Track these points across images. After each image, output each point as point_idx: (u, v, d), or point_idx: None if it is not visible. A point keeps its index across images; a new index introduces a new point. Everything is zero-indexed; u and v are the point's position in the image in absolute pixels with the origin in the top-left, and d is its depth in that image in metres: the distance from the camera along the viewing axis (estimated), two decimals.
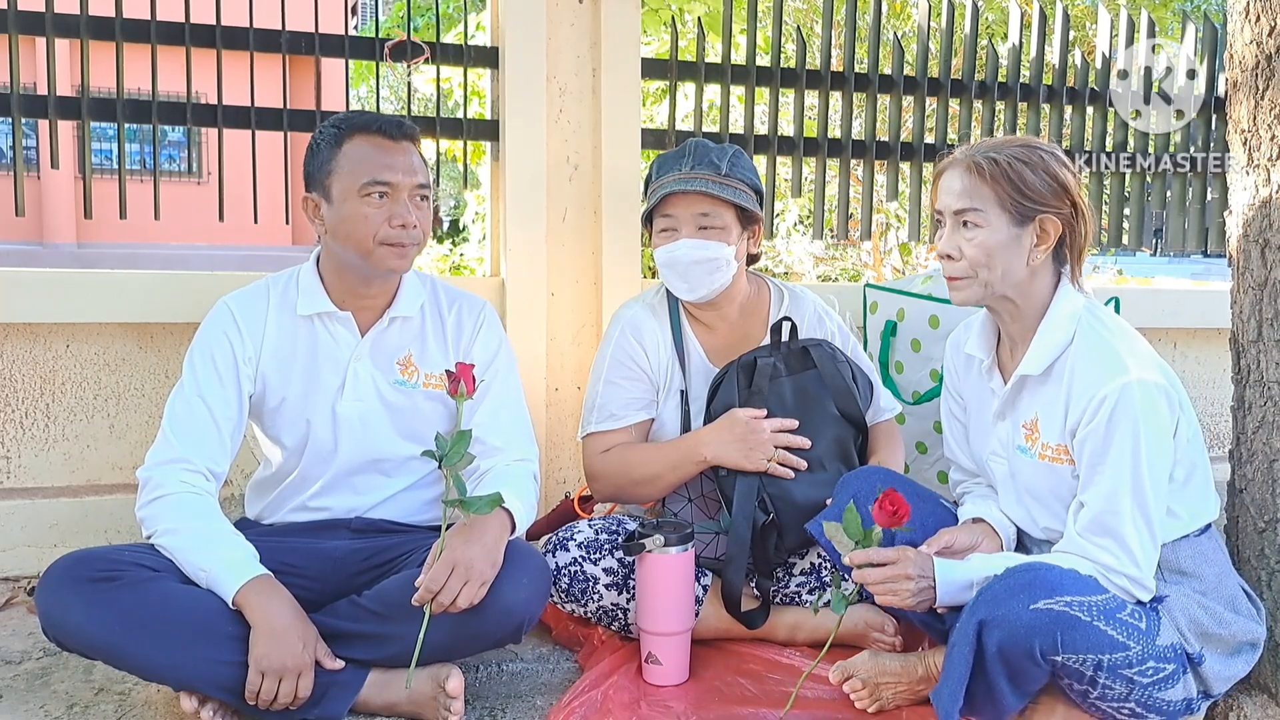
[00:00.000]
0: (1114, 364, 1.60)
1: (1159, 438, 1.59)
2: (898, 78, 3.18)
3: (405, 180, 1.85)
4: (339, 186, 1.84)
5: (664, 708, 1.83)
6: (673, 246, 2.07)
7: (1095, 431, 1.59)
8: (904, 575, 1.60)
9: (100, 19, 2.49)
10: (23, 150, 2.54)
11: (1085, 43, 6.84)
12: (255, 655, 1.65)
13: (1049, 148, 1.72)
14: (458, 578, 1.66)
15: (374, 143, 1.85)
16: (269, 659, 1.65)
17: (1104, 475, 1.59)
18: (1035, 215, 1.68)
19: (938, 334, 2.51)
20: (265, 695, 1.65)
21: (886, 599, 1.61)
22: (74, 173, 12.22)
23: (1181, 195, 3.43)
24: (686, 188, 2.04)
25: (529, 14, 2.66)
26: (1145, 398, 1.57)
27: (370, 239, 1.83)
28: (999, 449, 1.78)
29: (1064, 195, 1.69)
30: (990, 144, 1.73)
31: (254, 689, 1.65)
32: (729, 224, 2.07)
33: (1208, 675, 1.63)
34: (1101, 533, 1.59)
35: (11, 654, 2.01)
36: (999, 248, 1.69)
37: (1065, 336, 1.68)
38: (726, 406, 2.07)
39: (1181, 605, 1.63)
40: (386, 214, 1.83)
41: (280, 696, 1.65)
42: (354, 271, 1.91)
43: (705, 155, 2.08)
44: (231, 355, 1.89)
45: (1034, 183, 1.67)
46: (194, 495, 1.79)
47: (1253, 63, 1.91)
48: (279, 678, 1.65)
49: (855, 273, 6.78)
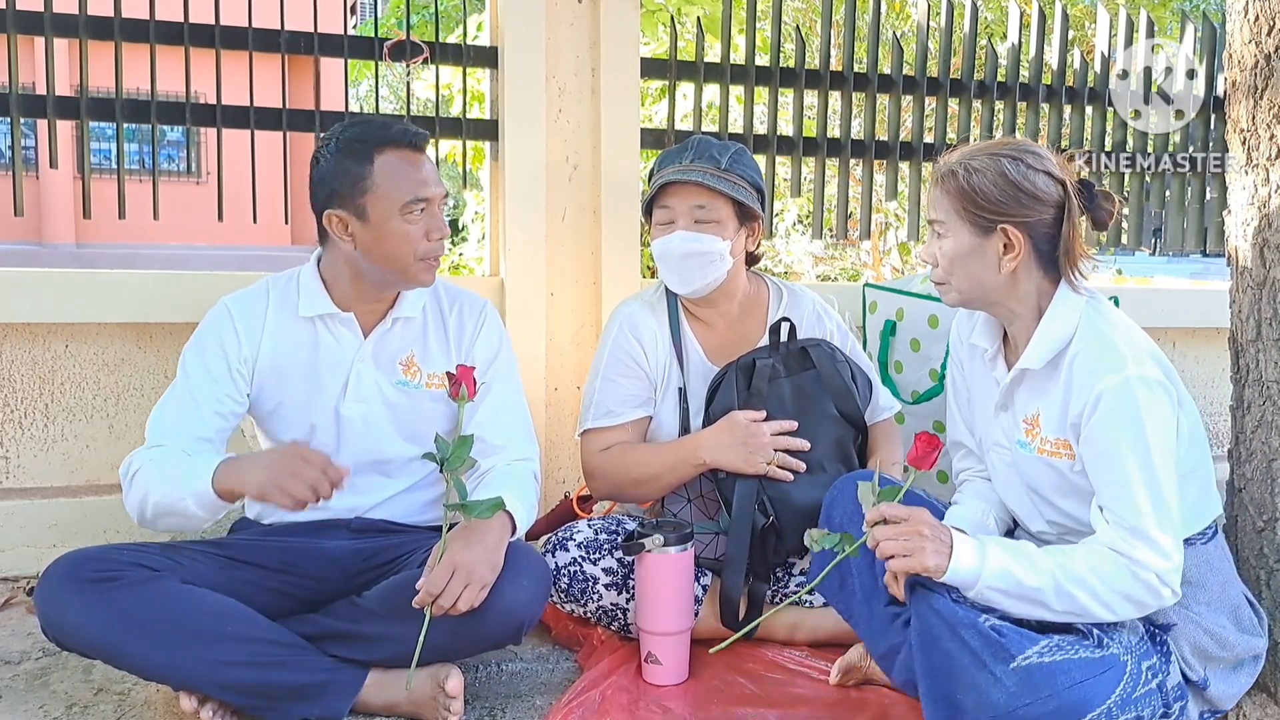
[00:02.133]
0: (1113, 359, 1.59)
1: (1163, 431, 1.57)
2: (897, 77, 3.18)
3: (437, 192, 1.86)
4: (377, 206, 1.82)
5: (663, 707, 1.83)
6: (666, 239, 2.08)
7: (1097, 428, 1.58)
8: (918, 532, 1.51)
9: (99, 19, 2.49)
10: (21, 150, 2.54)
11: (1084, 42, 6.85)
12: (254, 486, 1.62)
13: (1020, 154, 1.66)
14: (459, 581, 1.66)
15: (404, 157, 1.84)
16: (271, 477, 1.61)
17: (1115, 475, 1.56)
18: (996, 225, 1.65)
19: (937, 333, 2.51)
20: (299, 492, 1.60)
21: (900, 561, 1.51)
22: (73, 172, 12.20)
23: (1180, 195, 3.43)
24: (683, 178, 2.05)
25: (528, 14, 2.66)
26: (1145, 392, 1.56)
27: (411, 256, 1.84)
28: (1002, 439, 1.77)
29: (1032, 201, 1.63)
30: (965, 151, 1.70)
31: (287, 501, 1.61)
32: (725, 218, 2.08)
33: (1214, 697, 1.64)
34: (1128, 534, 1.54)
35: (11, 654, 2.01)
36: (962, 258, 1.68)
37: (1066, 331, 1.66)
38: (726, 409, 2.07)
39: (1187, 633, 1.62)
40: (424, 229, 1.84)
41: (321, 492, 1.60)
42: (373, 280, 1.90)
43: (706, 150, 2.10)
44: (224, 356, 1.88)
45: (990, 193, 1.64)
46: (161, 451, 1.76)
47: (1251, 62, 1.92)
48: (291, 473, 1.61)
49: (854, 272, 6.79)
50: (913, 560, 1.50)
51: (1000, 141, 1.73)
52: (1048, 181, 1.65)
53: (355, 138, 1.84)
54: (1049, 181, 1.65)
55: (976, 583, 1.51)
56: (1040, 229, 1.66)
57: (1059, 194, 1.65)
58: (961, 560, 1.50)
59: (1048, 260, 1.68)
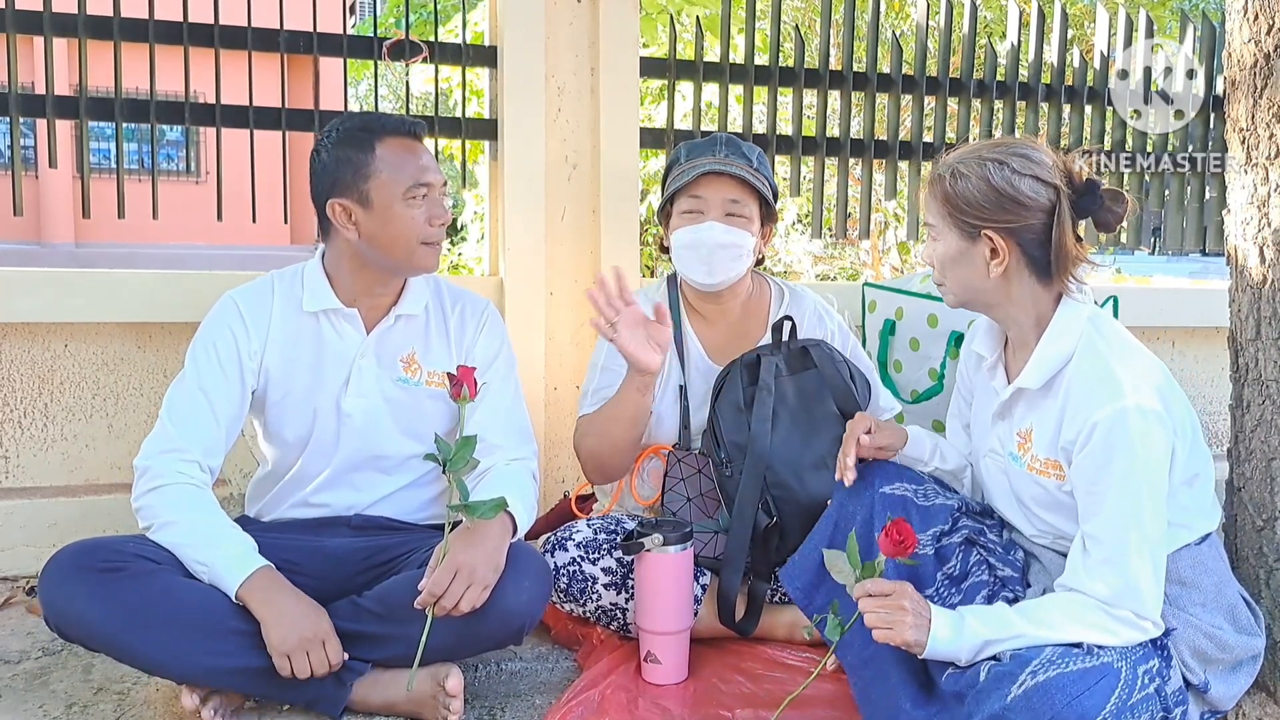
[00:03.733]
0: (1110, 387, 1.57)
1: (1155, 464, 1.56)
2: (896, 77, 3.18)
3: (437, 178, 1.90)
4: (382, 192, 1.85)
5: (662, 707, 1.83)
6: (700, 228, 2.08)
7: (1090, 458, 1.57)
8: (900, 606, 1.53)
9: (98, 18, 2.49)
10: (21, 150, 2.54)
11: (1084, 42, 6.85)
12: (274, 643, 1.66)
13: (1006, 157, 1.63)
14: (460, 582, 1.66)
15: (404, 145, 1.88)
16: (288, 640, 1.66)
17: (1104, 507, 1.56)
18: (979, 230, 1.64)
19: (936, 333, 2.51)
20: (301, 672, 1.66)
21: (882, 634, 1.54)
22: (72, 172, 12.20)
23: (1180, 194, 3.43)
24: (725, 169, 2.06)
25: (528, 13, 2.66)
26: (1140, 425, 1.54)
27: (415, 240, 1.87)
28: (998, 447, 1.77)
29: (1017, 207, 1.61)
30: (956, 154, 1.69)
31: (287, 671, 1.66)
32: (754, 215, 2.10)
33: (1214, 699, 1.64)
34: (1107, 569, 1.54)
35: (10, 654, 2.01)
36: (949, 261, 1.69)
37: (1065, 351, 1.64)
38: (732, 404, 2.07)
39: (1186, 637, 1.62)
40: (427, 214, 1.87)
41: (316, 667, 1.67)
42: (378, 270, 1.92)
43: (738, 147, 2.12)
44: (235, 348, 1.89)
45: (972, 197, 1.63)
46: (191, 487, 1.79)
47: (1251, 61, 1.91)
48: (305, 651, 1.66)
49: (854, 271, 6.79)
50: (894, 634, 1.53)
51: (992, 143, 1.70)
52: (1035, 186, 1.62)
53: (357, 127, 1.88)
54: (1036, 186, 1.62)
55: (958, 657, 1.54)
56: (1028, 235, 1.63)
57: (1048, 199, 1.62)
58: (939, 635, 1.53)
59: (1040, 266, 1.65)
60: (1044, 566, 1.76)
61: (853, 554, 1.58)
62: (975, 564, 1.75)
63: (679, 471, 2.14)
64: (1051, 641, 1.51)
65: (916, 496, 1.80)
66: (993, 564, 1.75)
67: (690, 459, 2.14)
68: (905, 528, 1.53)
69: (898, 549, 1.53)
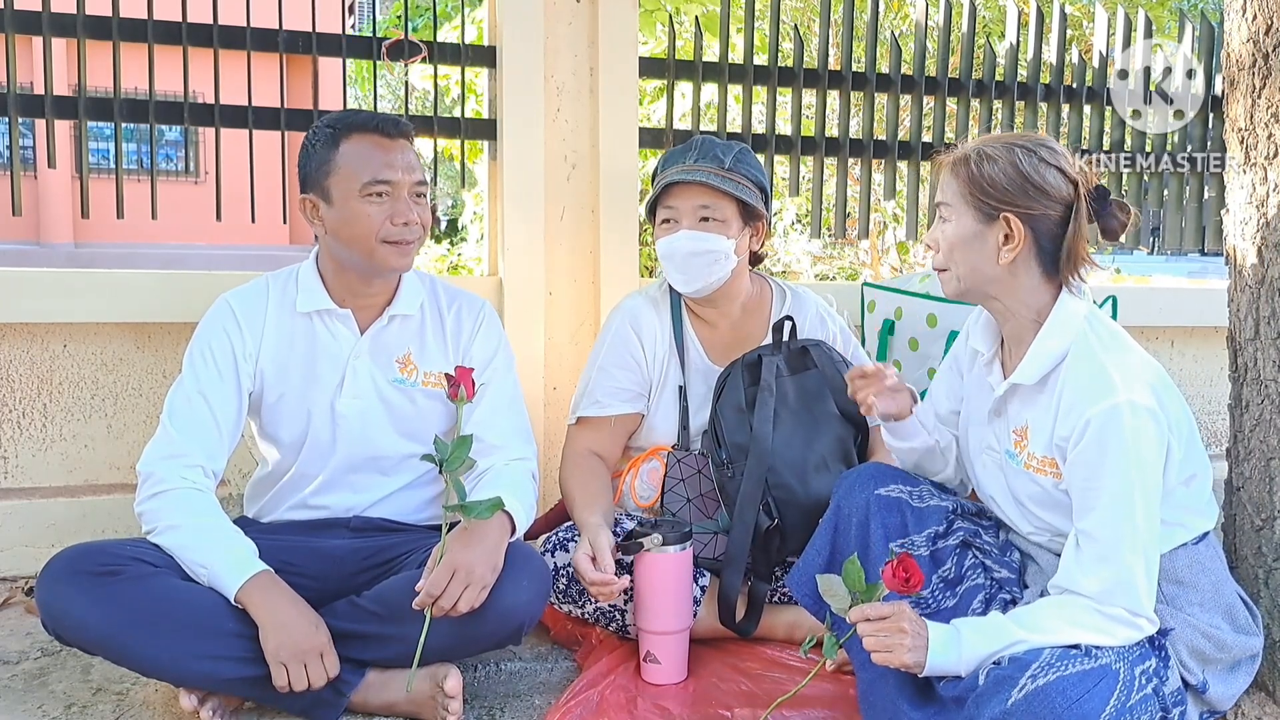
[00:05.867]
0: (1103, 383, 1.57)
1: (1149, 461, 1.56)
2: (895, 76, 3.18)
3: (405, 178, 1.86)
4: (339, 187, 1.84)
5: (661, 707, 1.83)
6: (671, 238, 2.09)
7: (1084, 455, 1.57)
8: (898, 628, 1.53)
9: (97, 18, 2.49)
10: (19, 150, 2.54)
11: (1083, 41, 6.84)
12: (270, 649, 1.66)
13: (1035, 146, 1.66)
14: (458, 582, 1.66)
15: (372, 141, 1.85)
16: (284, 649, 1.65)
17: (1098, 504, 1.56)
18: (999, 213, 1.64)
19: (935, 333, 2.51)
20: (297, 684, 1.66)
21: (881, 657, 1.54)
22: (71, 172, 12.21)
23: (1179, 194, 3.43)
24: (688, 178, 2.05)
25: (527, 13, 2.66)
26: (1133, 421, 1.54)
27: (373, 238, 1.84)
28: (994, 444, 1.77)
29: (1040, 194, 1.63)
30: (981, 139, 1.71)
31: (282, 681, 1.66)
32: (729, 218, 2.09)
33: (1213, 699, 1.64)
34: (1100, 565, 1.55)
35: (9, 654, 2.01)
36: (961, 242, 1.68)
37: (1060, 348, 1.64)
38: (733, 405, 2.07)
39: (1184, 637, 1.62)
40: (388, 213, 1.84)
41: (313, 680, 1.66)
42: (355, 270, 1.91)
43: (710, 150, 2.10)
44: (231, 352, 1.89)
45: (997, 179, 1.63)
46: (194, 491, 1.79)
47: (1249, 61, 1.91)
48: (301, 662, 1.66)
49: (853, 271, 6.78)
50: (892, 656, 1.53)
51: (1019, 134, 1.73)
52: (1058, 178, 1.64)
53: (328, 123, 1.88)
54: (1060, 178, 1.64)
55: (957, 671, 1.53)
56: (1044, 224, 1.64)
57: (1068, 192, 1.64)
58: (937, 653, 1.53)
59: (1049, 259, 1.66)
60: (1041, 568, 1.76)
61: (854, 577, 1.57)
62: (971, 567, 1.75)
63: (678, 472, 2.13)
64: (1050, 640, 1.51)
65: (911, 498, 1.80)
66: (989, 566, 1.75)
67: (690, 460, 2.14)
68: (911, 564, 1.52)
69: (904, 587, 1.52)
